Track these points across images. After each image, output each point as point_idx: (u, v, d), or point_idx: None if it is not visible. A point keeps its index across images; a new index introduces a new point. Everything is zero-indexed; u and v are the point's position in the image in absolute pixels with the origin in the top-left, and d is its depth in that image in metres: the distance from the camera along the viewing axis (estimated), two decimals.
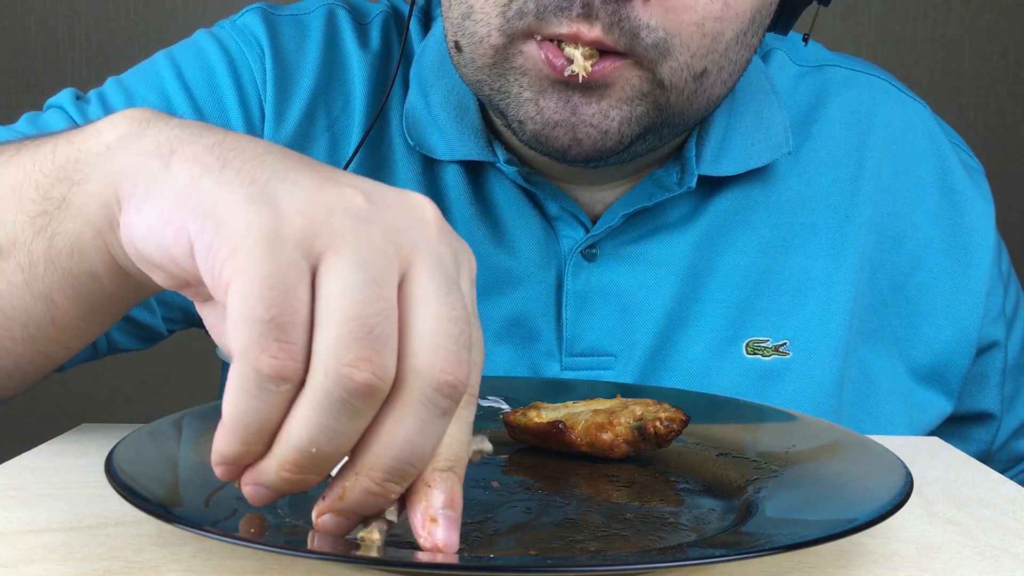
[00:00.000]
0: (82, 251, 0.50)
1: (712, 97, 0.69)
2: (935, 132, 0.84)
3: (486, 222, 0.77)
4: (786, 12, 0.73)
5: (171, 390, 1.69)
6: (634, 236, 0.77)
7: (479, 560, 0.43)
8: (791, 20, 0.74)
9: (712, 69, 0.66)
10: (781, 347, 0.77)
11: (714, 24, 0.64)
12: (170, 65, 0.80)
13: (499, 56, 0.65)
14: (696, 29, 0.64)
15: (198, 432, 0.57)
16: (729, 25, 0.65)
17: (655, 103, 0.66)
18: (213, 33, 0.82)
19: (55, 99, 0.80)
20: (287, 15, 0.83)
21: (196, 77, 0.79)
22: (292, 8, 0.84)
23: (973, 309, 0.81)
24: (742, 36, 0.67)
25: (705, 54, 0.65)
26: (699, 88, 0.67)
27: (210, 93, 0.78)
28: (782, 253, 0.78)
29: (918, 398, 0.81)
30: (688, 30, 0.64)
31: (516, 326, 0.76)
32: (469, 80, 0.70)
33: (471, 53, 0.67)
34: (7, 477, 0.58)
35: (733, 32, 0.66)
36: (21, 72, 2.09)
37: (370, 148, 0.79)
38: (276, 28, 0.81)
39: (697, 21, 0.64)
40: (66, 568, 0.44)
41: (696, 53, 0.65)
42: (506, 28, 0.64)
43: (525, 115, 0.66)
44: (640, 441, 0.58)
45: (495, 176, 0.77)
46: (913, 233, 0.81)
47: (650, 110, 0.66)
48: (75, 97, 0.80)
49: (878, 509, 0.45)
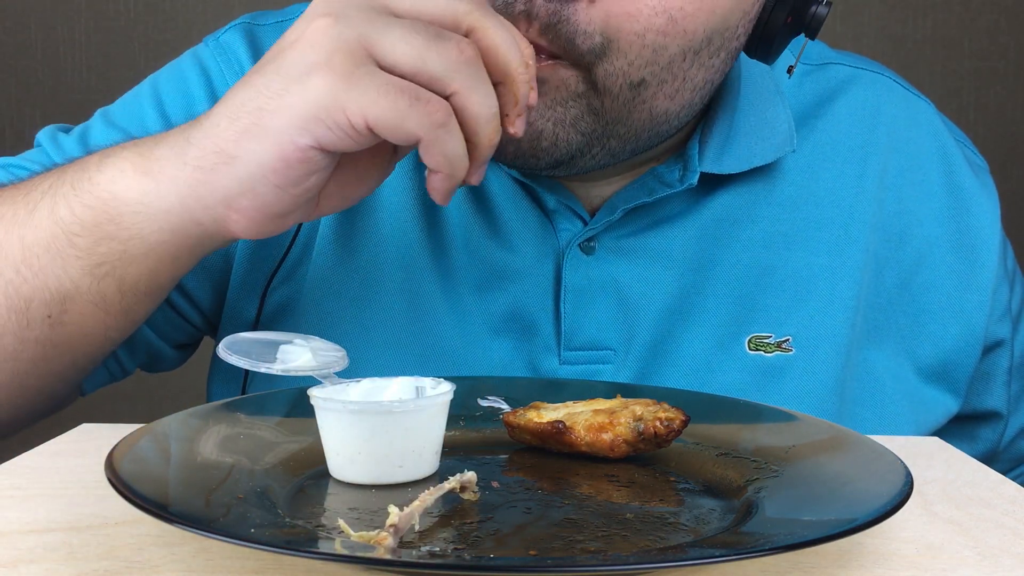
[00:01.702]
0: (161, 269, 0.63)
1: (656, 111, 0.68)
2: (940, 130, 0.84)
3: (483, 216, 0.77)
4: (765, 40, 0.71)
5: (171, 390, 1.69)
6: (633, 229, 0.76)
7: (479, 560, 0.43)
8: (770, 48, 0.72)
9: (651, 81, 0.66)
10: (783, 343, 0.77)
11: (656, 37, 0.64)
12: (152, 95, 0.81)
13: None
14: (636, 39, 0.64)
15: (198, 432, 0.57)
16: (674, 40, 0.65)
17: (589, 106, 0.66)
18: (196, 53, 0.83)
19: (39, 136, 0.82)
20: (271, 23, 0.83)
21: (176, 104, 0.80)
22: (278, 15, 0.84)
23: (980, 307, 0.81)
24: (692, 55, 0.66)
25: (644, 64, 0.65)
26: (636, 98, 0.66)
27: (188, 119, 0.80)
28: (785, 249, 0.78)
29: (924, 397, 0.81)
30: (628, 38, 0.64)
31: (514, 320, 0.76)
32: None
33: None
34: (7, 477, 0.58)
35: (679, 48, 0.65)
36: (21, 72, 2.09)
37: None
38: (258, 42, 0.82)
39: (638, 31, 0.64)
40: (66, 568, 0.44)
41: (634, 62, 0.65)
42: None
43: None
44: (640, 441, 0.58)
45: (491, 169, 0.77)
46: (918, 231, 0.81)
47: (584, 113, 0.66)
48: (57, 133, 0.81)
49: (878, 509, 0.45)
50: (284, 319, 0.78)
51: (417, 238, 0.77)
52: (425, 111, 0.55)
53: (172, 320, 0.80)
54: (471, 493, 0.51)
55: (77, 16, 2.07)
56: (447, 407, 0.56)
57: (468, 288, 0.76)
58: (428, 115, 0.55)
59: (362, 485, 0.54)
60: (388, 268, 0.76)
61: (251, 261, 0.78)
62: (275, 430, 0.59)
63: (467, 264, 0.76)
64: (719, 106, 0.77)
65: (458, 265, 0.76)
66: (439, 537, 0.46)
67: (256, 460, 0.55)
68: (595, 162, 0.70)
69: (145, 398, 1.95)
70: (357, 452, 0.54)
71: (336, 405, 0.54)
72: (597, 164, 0.70)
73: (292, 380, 0.61)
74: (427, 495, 0.47)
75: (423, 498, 0.47)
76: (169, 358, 0.83)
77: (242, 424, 0.59)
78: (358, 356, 0.74)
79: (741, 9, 0.68)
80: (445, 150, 0.56)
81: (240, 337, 0.58)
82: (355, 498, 0.53)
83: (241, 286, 0.78)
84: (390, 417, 0.54)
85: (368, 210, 0.77)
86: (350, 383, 0.58)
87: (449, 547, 0.45)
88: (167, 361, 0.84)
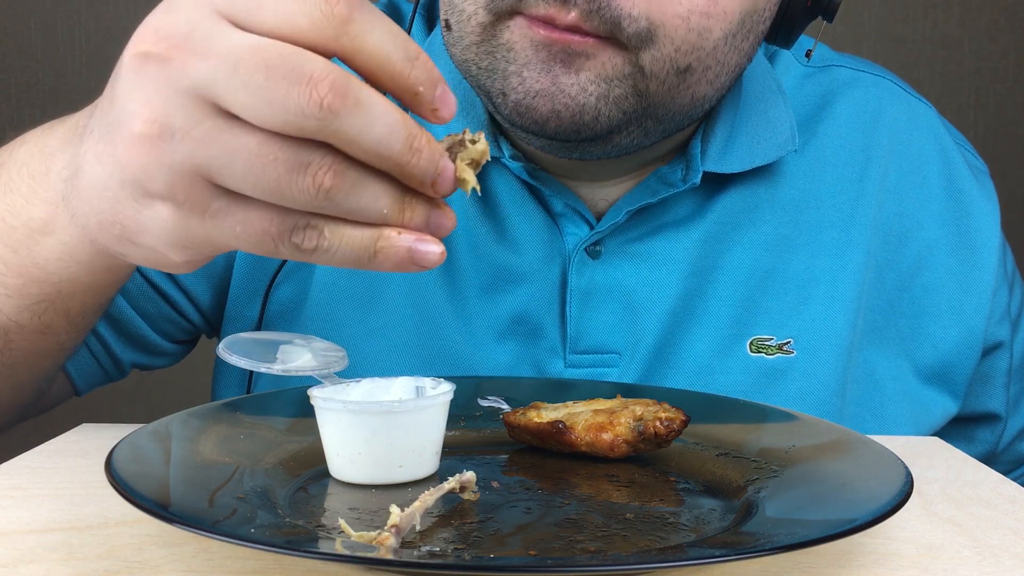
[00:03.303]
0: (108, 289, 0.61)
1: (697, 96, 0.68)
2: (940, 133, 0.84)
3: (490, 219, 0.77)
4: (786, 24, 0.72)
5: (171, 390, 1.69)
6: (639, 233, 0.77)
7: (479, 560, 0.43)
8: (791, 33, 0.73)
9: (697, 67, 0.66)
10: (785, 346, 0.77)
11: (700, 19, 0.64)
12: None
13: (486, 34, 0.66)
14: (682, 22, 0.63)
15: (198, 432, 0.57)
16: (717, 23, 0.64)
17: (634, 87, 0.65)
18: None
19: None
20: None
21: None
22: None
23: (979, 309, 0.81)
24: (731, 38, 0.66)
25: (691, 50, 0.65)
26: (682, 84, 0.66)
27: None
28: (787, 252, 0.78)
29: (924, 398, 0.81)
30: (673, 22, 0.63)
31: (520, 323, 0.76)
32: (458, 60, 0.70)
33: (459, 31, 0.68)
34: (7, 477, 0.58)
35: (721, 31, 0.65)
36: (21, 72, 2.09)
37: None
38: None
39: (683, 14, 0.63)
40: (66, 568, 0.44)
41: (681, 48, 0.64)
42: (491, 6, 0.65)
43: (508, 86, 0.66)
44: (640, 441, 0.58)
45: (499, 172, 0.77)
46: (919, 233, 0.81)
47: (629, 94, 0.65)
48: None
49: (878, 509, 0.45)
50: (289, 320, 0.78)
51: None
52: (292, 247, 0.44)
53: (171, 318, 0.80)
54: (471, 493, 0.51)
55: (77, 16, 2.07)
56: (447, 407, 0.56)
57: (474, 291, 0.76)
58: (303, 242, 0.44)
59: (362, 485, 0.54)
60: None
61: (253, 262, 0.78)
62: (275, 430, 0.59)
63: (473, 267, 0.76)
64: (722, 105, 0.77)
65: (464, 268, 0.76)
66: (439, 537, 0.46)
67: (256, 460, 0.55)
68: (629, 140, 0.69)
69: (145, 398, 1.95)
70: (357, 452, 0.54)
71: (336, 405, 0.54)
72: (630, 143, 0.70)
73: (292, 380, 0.61)
74: (428, 495, 0.47)
75: (424, 498, 0.47)
76: (166, 355, 0.83)
77: (242, 424, 0.59)
78: (363, 358, 0.74)
79: None
80: (342, 259, 0.45)
81: (240, 337, 0.58)
82: (355, 498, 0.53)
83: (243, 286, 0.78)
84: (390, 417, 0.54)
85: None
86: (350, 383, 0.58)
87: (449, 547, 0.45)
88: (164, 358, 0.83)
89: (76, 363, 0.78)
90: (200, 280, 0.79)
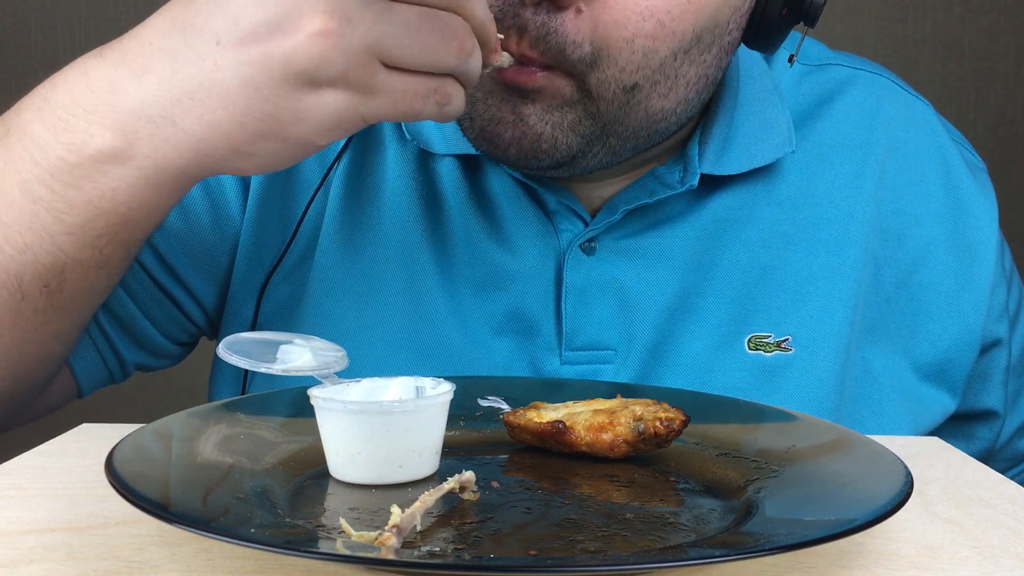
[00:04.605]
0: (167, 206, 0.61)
1: (652, 111, 0.68)
2: (938, 130, 0.84)
3: (484, 216, 0.77)
4: (762, 31, 0.72)
5: (171, 390, 1.69)
6: (634, 230, 0.77)
7: (479, 560, 0.43)
8: (769, 38, 0.72)
9: (644, 84, 0.66)
10: (783, 343, 0.77)
11: (645, 41, 0.65)
12: None
13: None
14: (625, 45, 0.64)
15: (198, 432, 0.57)
16: (664, 43, 0.65)
17: (585, 111, 0.67)
18: None
19: None
20: None
21: None
22: None
23: (977, 307, 0.81)
24: (682, 54, 0.67)
25: (635, 69, 0.65)
26: (631, 100, 0.67)
27: None
28: (785, 249, 0.78)
29: (922, 396, 0.81)
30: (617, 45, 0.64)
31: (515, 320, 0.76)
32: None
33: None
34: (7, 477, 0.58)
35: (669, 50, 0.66)
36: (21, 72, 2.09)
37: (359, 142, 0.79)
38: None
39: (627, 38, 0.64)
40: (66, 568, 0.44)
41: (625, 68, 0.65)
42: None
43: (475, 112, 0.68)
44: (640, 441, 0.58)
45: (492, 170, 0.77)
46: (917, 231, 0.81)
47: (582, 118, 0.67)
48: None
49: (878, 509, 0.45)
50: (286, 318, 0.78)
51: (419, 238, 0.77)
52: (435, 104, 0.56)
53: (176, 318, 0.80)
54: (471, 493, 0.51)
55: (77, 16, 2.07)
56: (447, 407, 0.56)
57: (469, 288, 0.76)
58: (438, 107, 0.57)
59: (362, 485, 0.54)
60: (390, 268, 0.77)
61: (249, 261, 0.78)
62: (275, 430, 0.59)
63: (468, 264, 0.76)
64: (718, 107, 0.77)
65: (459, 265, 0.76)
66: (439, 537, 0.46)
67: (256, 460, 0.55)
68: (597, 161, 0.70)
69: (145, 398, 1.95)
70: (357, 452, 0.54)
71: (336, 405, 0.54)
72: (600, 163, 0.71)
73: (292, 380, 0.61)
74: (428, 495, 0.47)
75: (424, 498, 0.47)
76: (168, 356, 0.83)
77: (242, 424, 0.59)
78: (360, 356, 0.74)
79: (730, 5, 0.68)
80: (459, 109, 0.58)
81: (240, 337, 0.58)
82: (355, 498, 0.53)
83: (240, 286, 0.79)
84: (390, 417, 0.54)
85: (371, 210, 0.77)
86: (350, 383, 0.58)
87: (449, 547, 0.45)
88: (166, 359, 0.84)
89: (82, 362, 0.78)
90: (205, 279, 0.79)
